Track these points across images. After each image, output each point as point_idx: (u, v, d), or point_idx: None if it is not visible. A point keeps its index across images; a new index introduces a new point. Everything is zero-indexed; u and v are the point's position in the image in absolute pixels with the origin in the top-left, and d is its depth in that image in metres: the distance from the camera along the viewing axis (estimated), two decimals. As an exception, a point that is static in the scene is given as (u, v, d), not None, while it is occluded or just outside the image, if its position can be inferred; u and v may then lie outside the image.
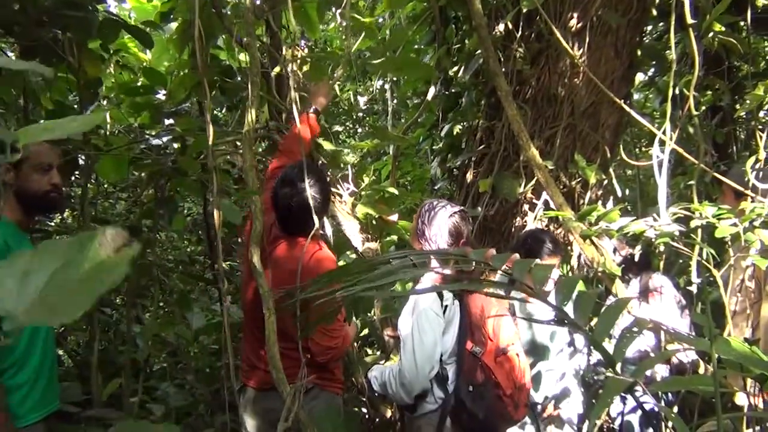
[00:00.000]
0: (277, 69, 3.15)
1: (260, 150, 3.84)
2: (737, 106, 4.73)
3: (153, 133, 3.73)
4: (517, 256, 3.11)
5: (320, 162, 3.22)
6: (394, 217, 3.43)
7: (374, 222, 3.36)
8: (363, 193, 3.49)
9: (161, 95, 3.78)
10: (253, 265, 2.38)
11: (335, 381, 2.64)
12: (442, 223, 2.47)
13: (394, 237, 3.44)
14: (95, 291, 0.49)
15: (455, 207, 2.54)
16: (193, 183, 3.75)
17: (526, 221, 4.10)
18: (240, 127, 3.06)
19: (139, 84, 3.91)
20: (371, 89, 7.84)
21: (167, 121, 3.75)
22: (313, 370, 2.46)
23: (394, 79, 6.68)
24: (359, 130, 8.44)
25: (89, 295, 0.49)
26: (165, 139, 3.43)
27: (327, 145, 3.20)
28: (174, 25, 3.72)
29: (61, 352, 4.50)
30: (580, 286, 1.29)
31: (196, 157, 3.43)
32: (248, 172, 2.52)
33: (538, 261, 2.93)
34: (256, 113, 2.69)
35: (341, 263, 3.07)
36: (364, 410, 3.38)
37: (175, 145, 3.48)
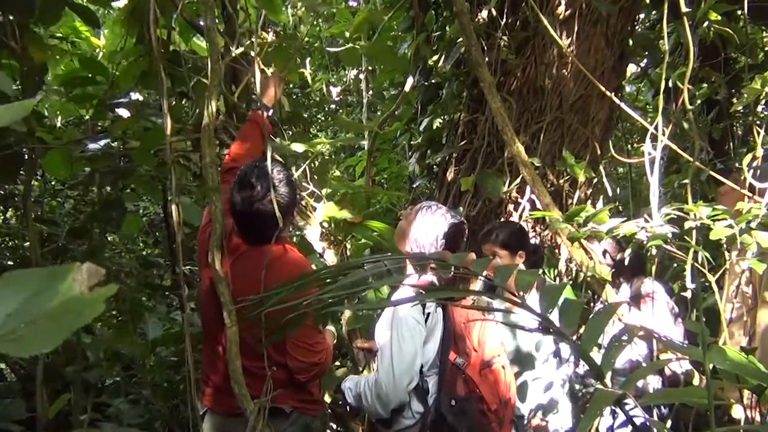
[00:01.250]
0: (237, 52, 3.08)
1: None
2: (734, 100, 4.79)
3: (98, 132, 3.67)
4: (498, 261, 3.11)
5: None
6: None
7: (340, 225, 3.34)
8: (325, 192, 3.46)
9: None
10: (215, 272, 2.32)
11: (315, 403, 2.55)
12: (438, 231, 2.46)
13: (365, 241, 3.40)
14: (70, 327, 0.49)
15: (455, 217, 2.52)
16: (149, 180, 3.71)
17: (511, 222, 4.07)
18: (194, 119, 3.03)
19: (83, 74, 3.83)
20: (345, 79, 7.86)
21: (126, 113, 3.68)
22: (292, 391, 2.39)
23: (370, 68, 6.67)
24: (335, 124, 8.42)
25: (63, 330, 0.49)
26: (102, 142, 3.32)
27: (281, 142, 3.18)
28: (124, 2, 3.63)
29: (2, 366, 4.42)
30: (567, 293, 1.26)
31: (153, 151, 3.39)
32: (208, 169, 2.48)
33: (522, 266, 2.96)
34: (216, 104, 2.65)
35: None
36: (333, 426, 3.37)
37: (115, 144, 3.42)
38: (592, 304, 3.76)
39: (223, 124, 3.37)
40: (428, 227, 2.47)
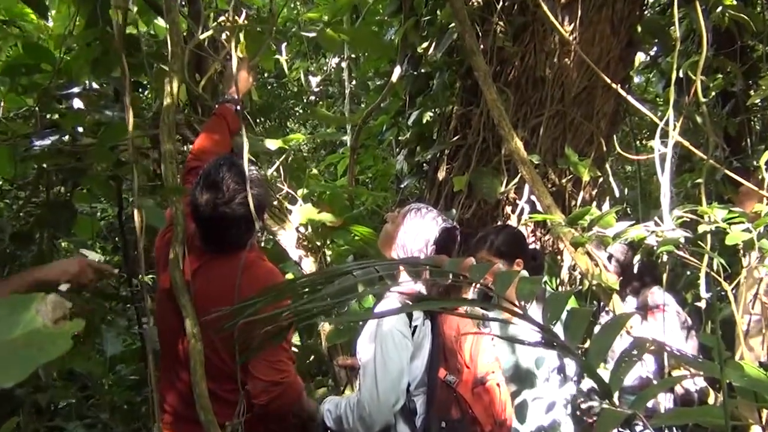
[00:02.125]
0: (203, 36, 3.05)
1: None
2: (751, 92, 4.83)
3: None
4: (500, 266, 3.10)
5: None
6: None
7: (319, 229, 3.32)
8: (301, 193, 3.45)
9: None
10: (175, 283, 2.26)
11: (291, 430, 2.48)
12: (428, 235, 2.45)
13: (347, 247, 3.41)
14: (31, 362, 0.49)
15: (447, 221, 2.51)
16: (106, 180, 3.66)
17: (508, 225, 4.09)
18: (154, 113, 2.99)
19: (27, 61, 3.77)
20: (325, 68, 7.84)
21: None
22: (261, 422, 2.32)
23: (353, 55, 6.68)
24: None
25: (26, 364, 0.49)
26: (50, 140, 3.27)
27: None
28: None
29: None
30: (572, 303, 1.26)
31: (110, 147, 3.34)
32: (167, 165, 2.44)
33: (523, 273, 2.97)
34: (177, 92, 2.62)
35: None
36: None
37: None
38: (598, 316, 3.78)
39: (186, 119, 3.34)
40: (417, 231, 2.46)
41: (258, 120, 3.94)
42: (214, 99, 3.14)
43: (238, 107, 2.86)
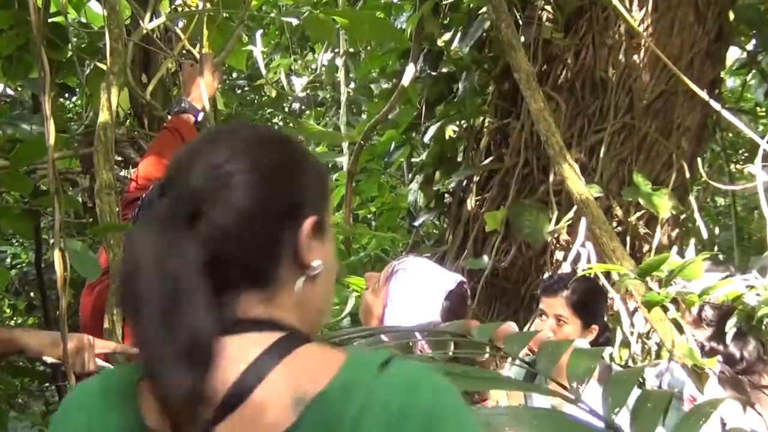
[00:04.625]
0: (151, 25, 3.06)
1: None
2: None
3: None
4: (548, 334, 3.05)
5: None
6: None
7: None
8: None
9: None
10: (113, 353, 2.28)
11: None
12: (430, 306, 2.35)
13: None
14: None
15: (451, 277, 2.46)
16: (20, 215, 3.49)
17: (559, 278, 4.09)
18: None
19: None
20: (314, 66, 7.90)
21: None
22: None
23: (351, 50, 6.67)
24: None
25: None
26: None
27: None
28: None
29: None
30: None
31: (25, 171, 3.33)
32: (103, 198, 2.43)
33: (580, 342, 2.93)
34: (118, 101, 2.63)
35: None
36: None
37: None
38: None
39: (128, 133, 3.36)
40: (410, 304, 2.36)
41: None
42: (166, 108, 3.15)
43: (199, 118, 2.86)
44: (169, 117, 2.95)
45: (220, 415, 0.96)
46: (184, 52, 3.02)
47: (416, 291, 2.37)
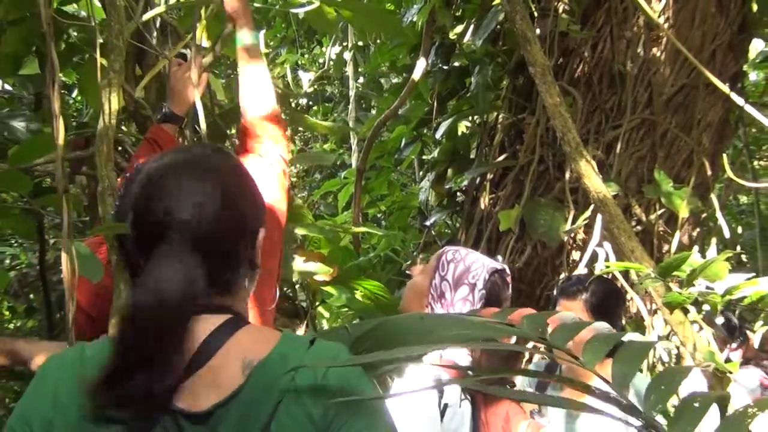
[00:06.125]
0: (145, 16, 2.95)
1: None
2: None
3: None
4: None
5: None
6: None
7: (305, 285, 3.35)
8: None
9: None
10: None
11: None
12: (474, 279, 2.40)
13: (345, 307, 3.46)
14: None
15: (495, 262, 2.49)
16: (22, 214, 3.61)
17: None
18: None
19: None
20: (322, 60, 7.84)
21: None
22: None
23: (360, 43, 6.67)
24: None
25: None
26: None
27: None
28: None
29: None
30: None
31: (24, 170, 3.25)
32: (105, 199, 2.30)
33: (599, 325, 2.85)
34: (118, 98, 2.51)
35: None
36: None
37: None
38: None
39: (117, 138, 3.31)
40: (459, 276, 2.43)
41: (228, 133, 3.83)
42: (157, 109, 3.03)
43: (185, 128, 2.83)
44: (154, 123, 2.90)
45: (187, 374, 1.28)
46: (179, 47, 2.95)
47: (464, 266, 2.45)
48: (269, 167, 2.40)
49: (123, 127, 3.69)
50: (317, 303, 3.54)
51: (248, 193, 1.47)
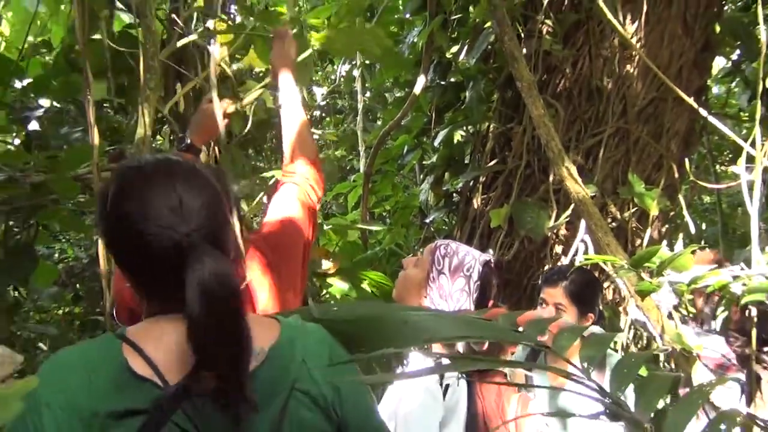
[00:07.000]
0: (183, 42, 3.08)
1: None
2: None
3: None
4: (566, 320, 3.06)
5: None
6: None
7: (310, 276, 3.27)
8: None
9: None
10: None
11: None
12: (469, 271, 2.44)
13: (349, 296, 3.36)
14: None
15: (483, 253, 2.52)
16: (70, 214, 3.65)
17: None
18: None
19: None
20: (333, 77, 7.92)
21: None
22: None
23: (367, 61, 6.65)
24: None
25: None
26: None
27: None
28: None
29: None
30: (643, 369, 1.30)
31: (74, 177, 3.30)
32: None
33: (595, 328, 2.95)
34: (154, 111, 2.67)
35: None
36: None
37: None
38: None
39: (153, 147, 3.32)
40: (454, 268, 2.44)
41: (254, 147, 3.88)
42: (178, 139, 3.08)
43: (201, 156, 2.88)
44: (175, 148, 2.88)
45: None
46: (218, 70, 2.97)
47: (458, 259, 2.45)
48: (293, 185, 2.40)
49: (159, 136, 3.67)
50: (323, 292, 3.48)
51: (221, 192, 1.48)
